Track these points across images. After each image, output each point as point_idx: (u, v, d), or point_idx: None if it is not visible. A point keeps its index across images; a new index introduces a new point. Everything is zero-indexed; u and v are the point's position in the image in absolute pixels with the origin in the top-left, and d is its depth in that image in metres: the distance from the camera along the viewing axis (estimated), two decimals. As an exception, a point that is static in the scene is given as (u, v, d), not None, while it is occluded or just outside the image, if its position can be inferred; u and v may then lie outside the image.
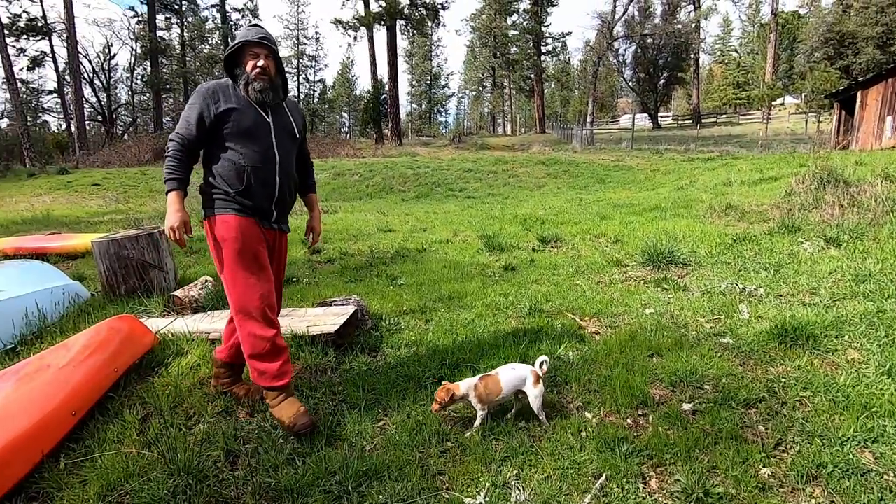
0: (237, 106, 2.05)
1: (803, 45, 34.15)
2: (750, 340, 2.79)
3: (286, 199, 2.20)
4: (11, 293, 3.33)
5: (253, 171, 2.04)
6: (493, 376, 2.13)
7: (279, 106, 2.18)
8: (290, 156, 2.19)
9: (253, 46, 2.06)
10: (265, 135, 2.09)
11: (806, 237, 4.84)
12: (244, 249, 2.05)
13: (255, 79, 2.05)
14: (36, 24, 30.61)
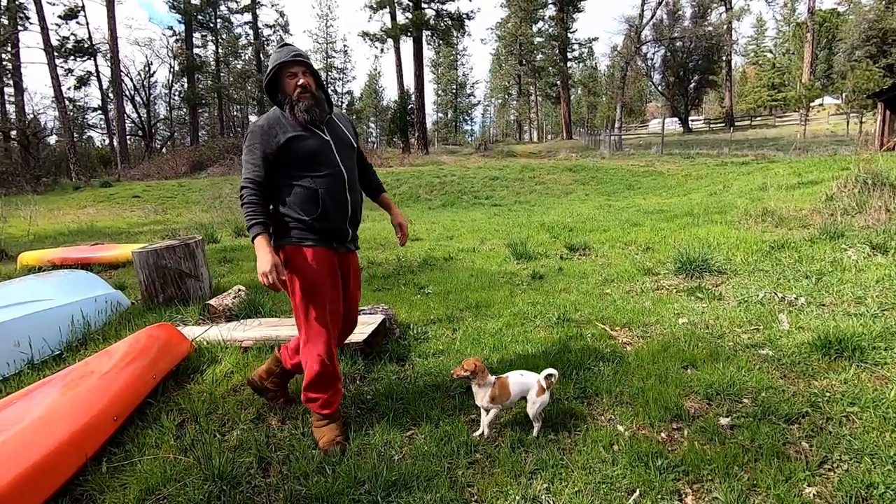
0: (294, 133, 1.99)
1: (843, 43, 32.88)
2: (791, 352, 2.68)
3: (358, 215, 2.17)
4: (59, 302, 3.49)
5: (326, 193, 2.00)
6: (504, 379, 2.13)
7: (331, 120, 2.13)
8: (354, 170, 2.15)
9: (289, 67, 2.03)
10: (329, 154, 2.04)
11: (850, 244, 4.63)
12: (316, 283, 2.02)
13: (299, 99, 2.00)
14: (82, 45, 32.34)
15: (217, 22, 38.88)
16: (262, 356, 2.90)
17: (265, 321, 3.40)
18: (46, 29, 25.38)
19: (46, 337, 3.22)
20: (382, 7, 30.20)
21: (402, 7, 30.45)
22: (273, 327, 3.21)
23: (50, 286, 3.68)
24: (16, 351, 3.02)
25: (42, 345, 3.16)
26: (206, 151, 27.46)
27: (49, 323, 3.29)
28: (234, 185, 18.11)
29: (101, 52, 32.90)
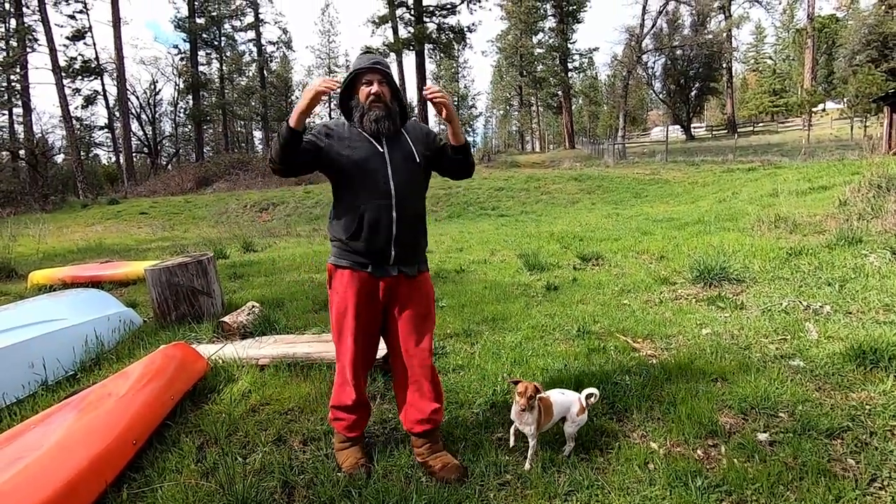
0: (348, 139, 1.93)
1: (843, 48, 32.97)
2: (823, 363, 2.61)
3: (407, 237, 1.94)
4: (72, 321, 3.46)
5: (366, 209, 1.88)
6: (546, 398, 2.04)
7: (399, 133, 1.98)
8: (412, 185, 1.95)
9: (365, 74, 1.92)
10: (379, 167, 1.89)
11: (870, 249, 4.55)
12: (348, 309, 1.94)
13: (371, 107, 1.90)
14: (89, 65, 32.78)
15: (221, 40, 39.38)
16: (279, 374, 2.85)
17: (280, 338, 3.35)
18: (55, 50, 25.79)
19: (60, 357, 3.18)
20: (385, 22, 30.54)
21: (403, 22, 30.81)
22: (289, 344, 3.16)
23: (63, 305, 3.65)
24: (30, 372, 2.98)
25: (56, 366, 3.12)
26: (212, 167, 27.64)
27: (63, 343, 3.26)
28: (239, 200, 18.18)
29: (107, 71, 33.36)
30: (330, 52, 54.23)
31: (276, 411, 2.47)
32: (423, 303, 2.03)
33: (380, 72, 1.93)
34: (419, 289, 2.02)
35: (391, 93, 1.96)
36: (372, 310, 1.98)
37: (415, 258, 2.01)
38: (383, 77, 1.93)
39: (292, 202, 17.27)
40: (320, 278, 5.72)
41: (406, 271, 1.97)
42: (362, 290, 1.94)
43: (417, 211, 1.98)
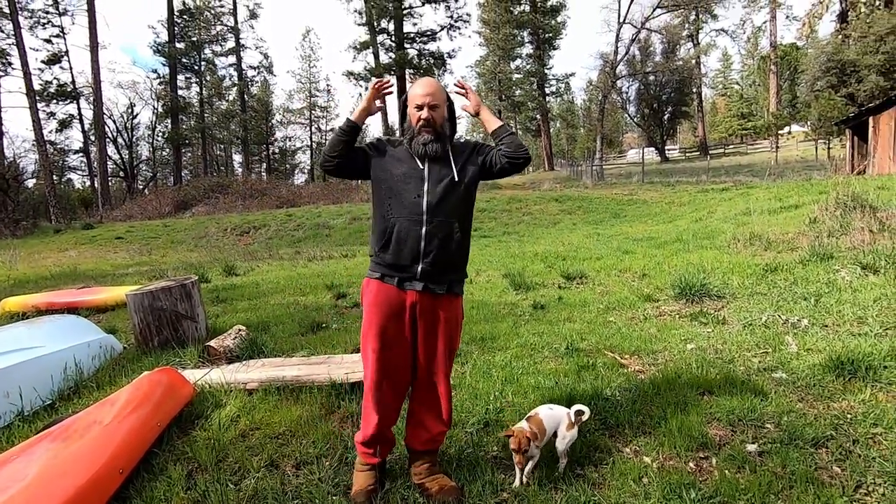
0: (395, 156, 2.00)
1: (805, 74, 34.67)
2: (804, 374, 2.69)
3: (437, 254, 1.91)
4: (50, 349, 3.35)
5: (397, 222, 1.91)
6: (536, 416, 2.06)
7: (443, 155, 1.99)
8: (447, 203, 1.93)
9: (417, 99, 1.97)
10: (416, 184, 1.93)
11: (841, 264, 4.74)
12: (374, 321, 1.95)
13: (420, 132, 1.95)
14: (65, 89, 32.40)
15: (202, 64, 39.43)
16: (268, 398, 2.81)
17: (268, 361, 3.31)
18: (29, 74, 25.44)
19: (37, 386, 3.07)
20: (366, 48, 31.05)
21: (385, 47, 31.40)
22: (277, 367, 3.12)
23: (40, 333, 3.54)
24: (5, 402, 2.87)
25: (33, 395, 3.01)
26: (191, 191, 27.31)
27: (40, 371, 3.15)
28: (219, 223, 17.96)
29: (83, 95, 33.02)
30: (311, 76, 54.71)
31: (267, 436, 2.43)
32: (450, 324, 2.00)
33: (430, 96, 1.97)
34: (447, 310, 1.99)
35: (443, 116, 2.00)
36: (398, 325, 1.95)
37: (444, 277, 1.96)
38: (435, 102, 1.97)
39: (274, 225, 17.14)
40: (306, 301, 5.67)
41: (433, 288, 1.94)
42: (388, 303, 1.94)
43: (452, 229, 1.94)
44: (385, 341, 1.94)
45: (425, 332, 1.97)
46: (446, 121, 2.02)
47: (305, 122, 55.28)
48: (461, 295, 2.07)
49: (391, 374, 1.98)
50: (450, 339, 2.01)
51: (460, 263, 2.02)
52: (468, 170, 2.02)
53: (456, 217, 1.97)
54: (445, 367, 2.02)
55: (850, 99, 25.11)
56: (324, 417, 2.60)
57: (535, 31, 38.72)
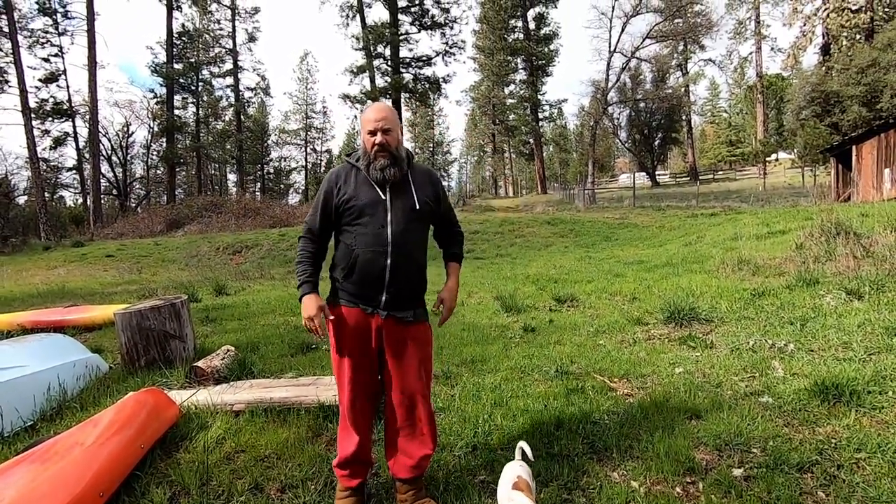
0: (355, 187, 1.96)
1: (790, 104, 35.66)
2: (790, 399, 2.71)
3: (401, 284, 1.93)
4: (33, 368, 3.31)
5: (362, 252, 1.90)
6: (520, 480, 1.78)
7: (404, 179, 1.99)
8: (411, 234, 1.95)
9: (370, 125, 1.95)
10: (380, 214, 1.92)
11: (826, 290, 4.81)
12: (342, 344, 1.98)
13: (376, 157, 1.93)
14: (61, 107, 32.50)
15: (199, 85, 39.83)
16: (255, 420, 2.78)
17: (256, 382, 3.28)
18: (25, 92, 25.53)
19: (19, 406, 3.02)
20: (363, 72, 31.55)
21: (381, 72, 31.90)
22: (265, 389, 3.10)
23: (25, 352, 3.49)
24: (-15, 423, 2.82)
25: (14, 415, 2.95)
26: (184, 209, 27.27)
27: (23, 391, 3.10)
28: (212, 242, 17.90)
29: (79, 113, 33.14)
30: (307, 98, 55.42)
31: (253, 458, 2.40)
32: (419, 348, 2.01)
33: (383, 119, 1.95)
34: (414, 336, 2.00)
35: (397, 140, 1.99)
36: (365, 348, 1.98)
37: (409, 304, 1.98)
38: (388, 126, 1.95)
39: (266, 244, 17.10)
40: (296, 321, 5.64)
41: (398, 316, 1.96)
42: (355, 328, 1.96)
43: (415, 259, 1.98)
44: (355, 364, 1.98)
45: (394, 354, 1.98)
46: (401, 143, 2.01)
47: (301, 142, 55.76)
48: (427, 321, 2.09)
49: (365, 395, 2.02)
50: (421, 360, 2.02)
51: (420, 293, 2.06)
52: (427, 198, 2.03)
53: (419, 247, 2.01)
54: (422, 388, 2.01)
55: (834, 128, 25.79)
56: (310, 440, 2.58)
57: (529, 58, 39.65)
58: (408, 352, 1.99)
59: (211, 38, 39.41)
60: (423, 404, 2.01)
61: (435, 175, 2.17)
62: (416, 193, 1.99)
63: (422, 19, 32.66)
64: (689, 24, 32.13)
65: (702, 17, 32.17)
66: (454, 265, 2.25)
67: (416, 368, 2.00)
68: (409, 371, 1.99)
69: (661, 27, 31.77)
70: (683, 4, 30.60)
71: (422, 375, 2.02)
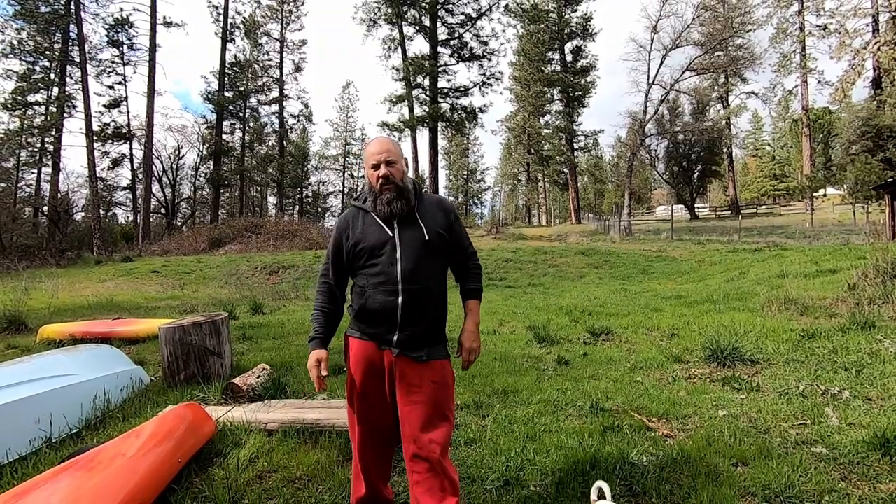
0: (363, 229, 1.90)
1: (839, 138, 34.43)
2: (846, 451, 2.53)
3: (417, 322, 1.83)
4: (83, 377, 3.46)
5: (373, 291, 1.83)
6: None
7: (410, 213, 1.90)
8: (424, 268, 1.85)
9: (372, 158, 1.91)
10: (389, 253, 1.84)
11: (884, 335, 4.52)
12: (355, 381, 1.91)
13: (382, 191, 1.87)
14: (121, 131, 34.73)
15: (246, 111, 41.86)
16: (287, 440, 2.80)
17: (290, 402, 3.31)
18: (90, 116, 27.45)
19: (67, 414, 3.16)
20: (401, 101, 32.48)
21: (419, 101, 32.76)
22: (298, 409, 3.13)
23: (77, 361, 3.66)
24: (36, 428, 2.95)
25: (62, 422, 3.08)
26: (226, 229, 28.32)
27: (72, 399, 3.25)
28: (250, 262, 18.47)
29: (136, 136, 35.27)
30: (347, 125, 57.35)
31: (284, 479, 2.41)
32: (435, 390, 1.83)
33: (386, 152, 1.91)
34: (431, 376, 1.84)
35: (402, 171, 1.93)
36: (377, 385, 1.88)
37: (422, 344, 1.85)
38: (391, 159, 1.90)
39: (302, 265, 17.50)
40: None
41: (411, 356, 1.83)
42: (368, 361, 1.87)
43: (429, 295, 1.86)
44: (368, 405, 1.90)
45: (405, 395, 1.82)
46: (406, 175, 1.94)
47: (339, 168, 57.48)
48: (447, 358, 1.93)
49: (379, 441, 1.94)
50: (436, 404, 1.82)
51: (438, 329, 1.92)
52: (439, 230, 1.92)
53: (432, 281, 1.88)
54: (440, 436, 1.78)
55: (887, 163, 24.69)
56: (341, 464, 2.57)
57: (565, 90, 39.92)
58: (421, 393, 1.81)
59: (260, 68, 41.54)
60: (443, 456, 1.77)
61: (447, 202, 2.06)
62: (425, 225, 1.89)
63: (461, 52, 33.56)
64: (731, 58, 31.75)
65: (744, 51, 31.75)
66: (472, 303, 2.05)
67: (430, 415, 1.79)
68: (423, 417, 1.79)
69: (701, 60, 31.53)
70: (725, 38, 30.33)
71: (438, 422, 1.80)
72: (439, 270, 1.94)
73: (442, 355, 1.90)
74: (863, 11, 28.86)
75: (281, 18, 41.65)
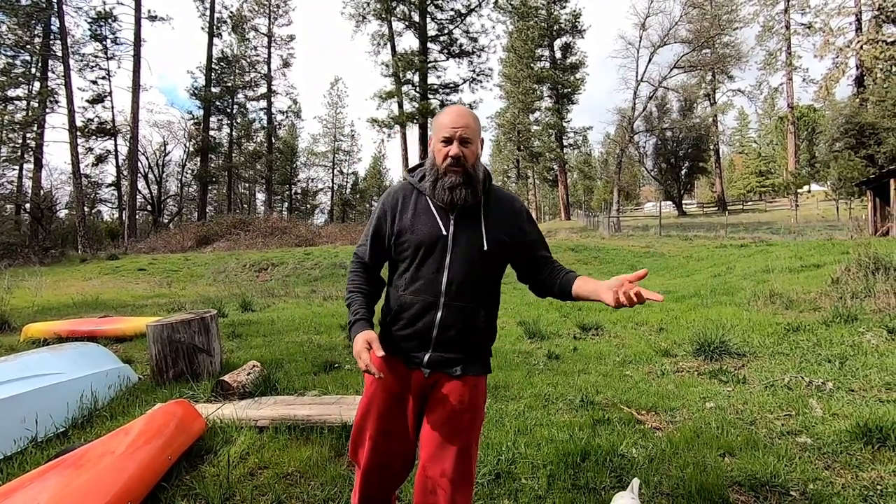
0: (412, 216, 1.56)
1: (823, 135, 34.99)
2: (830, 440, 2.59)
3: (453, 341, 1.53)
4: (69, 376, 3.41)
5: (409, 300, 1.54)
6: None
7: (474, 207, 1.56)
8: (473, 281, 1.53)
9: (446, 130, 1.52)
10: (438, 254, 1.51)
11: (866, 327, 4.62)
12: (374, 399, 1.60)
13: (446, 172, 1.51)
14: (105, 127, 34.16)
15: (234, 107, 41.41)
16: (278, 437, 2.79)
17: (280, 399, 3.30)
18: (73, 112, 26.95)
19: (54, 413, 3.11)
20: (391, 97, 32.37)
21: (409, 97, 32.68)
22: (289, 406, 3.11)
23: (62, 360, 3.60)
24: (21, 427, 2.91)
25: (48, 421, 3.04)
26: (214, 226, 28.02)
27: (58, 398, 3.19)
28: (239, 259, 18.30)
29: (121, 132, 34.72)
30: (336, 122, 57.00)
31: (276, 475, 2.40)
32: (461, 410, 1.53)
33: (463, 128, 1.51)
34: (458, 392, 1.54)
35: (475, 154, 1.55)
36: (401, 408, 1.59)
37: (455, 362, 1.55)
38: (468, 137, 1.51)
39: (291, 263, 17.39)
40: (319, 340, 5.68)
41: (449, 371, 1.55)
42: (394, 378, 1.58)
43: (475, 316, 1.55)
44: (386, 427, 1.59)
45: (430, 416, 1.56)
46: (479, 161, 1.57)
47: (328, 164, 57.14)
48: (483, 375, 1.63)
49: (390, 463, 1.63)
50: (462, 431, 1.53)
51: (483, 348, 1.63)
52: (502, 237, 1.57)
53: (481, 299, 1.56)
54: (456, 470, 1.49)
55: (869, 160, 25.14)
56: (333, 459, 2.57)
57: (555, 86, 40.05)
58: (445, 414, 1.53)
59: (247, 63, 41.09)
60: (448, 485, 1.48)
61: (519, 203, 1.67)
62: (486, 230, 1.54)
63: (450, 48, 33.52)
64: (718, 55, 32.11)
65: (731, 48, 32.13)
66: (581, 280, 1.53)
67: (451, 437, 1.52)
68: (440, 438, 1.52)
69: (688, 57, 31.84)
70: (712, 36, 30.64)
71: (464, 451, 1.52)
72: (494, 285, 1.62)
73: (477, 371, 1.59)
74: (847, 10, 29.33)
75: (268, 13, 41.21)
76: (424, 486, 1.51)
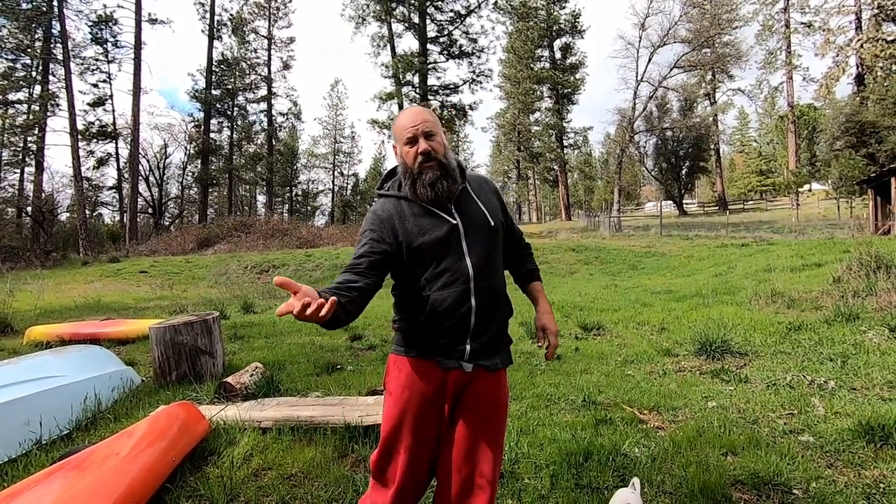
0: (412, 218, 1.50)
1: (824, 134, 34.98)
2: (832, 439, 2.59)
3: (489, 326, 1.50)
4: (73, 378, 3.42)
5: (438, 296, 1.45)
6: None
7: (464, 192, 1.56)
8: (490, 259, 1.51)
9: (407, 132, 1.50)
10: (454, 244, 1.47)
11: (868, 326, 4.62)
12: (408, 410, 1.49)
13: (422, 170, 1.48)
14: (106, 130, 34.22)
15: (234, 110, 41.46)
16: (281, 438, 2.80)
17: (284, 400, 3.31)
18: (74, 115, 27.01)
19: (57, 415, 3.12)
20: (391, 98, 32.40)
21: (409, 98, 32.70)
22: (292, 407, 3.12)
23: (65, 362, 3.62)
24: (25, 430, 2.92)
25: (52, 424, 3.05)
26: (214, 229, 28.05)
27: (61, 400, 3.21)
28: (240, 261, 18.32)
29: (122, 135, 34.78)
30: (337, 123, 57.05)
31: (279, 476, 2.41)
32: (493, 405, 1.53)
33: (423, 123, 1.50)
34: (493, 388, 1.53)
35: (444, 146, 1.53)
36: (434, 418, 1.51)
37: (497, 350, 1.55)
38: (430, 131, 1.51)
39: (293, 265, 17.41)
40: (321, 341, 5.69)
41: (485, 365, 1.51)
42: (428, 385, 1.49)
43: (499, 290, 1.53)
44: (420, 437, 1.49)
45: (462, 417, 1.50)
46: (448, 150, 1.56)
47: (329, 166, 57.18)
48: (508, 364, 1.63)
49: (419, 476, 1.52)
50: (498, 431, 1.53)
51: (505, 331, 1.60)
52: (497, 213, 1.61)
53: (500, 274, 1.58)
54: (493, 471, 1.47)
55: (870, 159, 25.11)
56: (336, 460, 2.58)
57: (555, 87, 40.07)
58: (479, 412, 1.50)
59: (248, 65, 41.16)
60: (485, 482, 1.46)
61: (492, 183, 1.70)
62: (485, 210, 1.56)
63: (450, 49, 33.56)
64: (718, 55, 32.10)
65: (730, 48, 32.12)
66: (537, 284, 1.74)
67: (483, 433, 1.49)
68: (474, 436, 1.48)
69: (688, 57, 31.83)
70: (711, 35, 30.64)
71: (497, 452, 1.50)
72: (501, 262, 1.62)
73: (506, 363, 1.60)
74: (846, 9, 29.31)
75: (268, 15, 41.28)
76: (458, 487, 1.46)
